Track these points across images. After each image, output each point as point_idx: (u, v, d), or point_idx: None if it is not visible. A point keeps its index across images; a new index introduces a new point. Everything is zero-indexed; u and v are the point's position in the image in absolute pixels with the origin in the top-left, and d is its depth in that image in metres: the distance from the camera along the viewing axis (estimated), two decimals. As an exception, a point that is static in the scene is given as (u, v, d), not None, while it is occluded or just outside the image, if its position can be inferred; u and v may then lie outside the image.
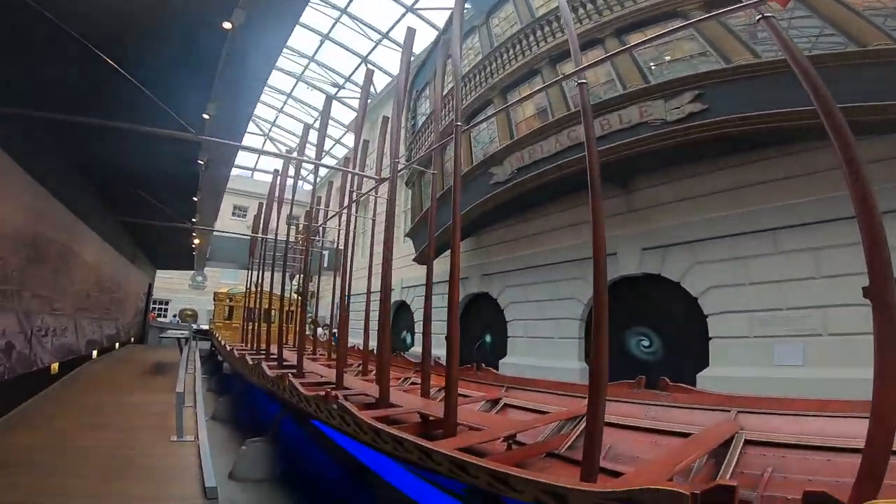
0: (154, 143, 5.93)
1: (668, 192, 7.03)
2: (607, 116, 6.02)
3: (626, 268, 7.21)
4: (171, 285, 24.41)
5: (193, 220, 9.83)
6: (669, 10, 5.85)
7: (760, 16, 2.15)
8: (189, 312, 24.09)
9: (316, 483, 4.89)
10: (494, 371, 5.71)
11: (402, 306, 14.20)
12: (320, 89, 22.42)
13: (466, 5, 10.95)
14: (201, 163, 6.53)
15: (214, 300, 13.81)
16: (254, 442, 4.99)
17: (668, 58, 6.08)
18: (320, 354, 9.34)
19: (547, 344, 8.47)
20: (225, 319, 13.26)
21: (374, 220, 7.22)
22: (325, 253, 18.53)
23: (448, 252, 11.09)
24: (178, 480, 3.78)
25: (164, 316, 24.37)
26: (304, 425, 5.19)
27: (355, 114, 22.96)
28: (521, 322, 9.21)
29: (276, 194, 9.68)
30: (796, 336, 5.28)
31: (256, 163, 28.27)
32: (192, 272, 24.50)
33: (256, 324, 9.80)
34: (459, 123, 4.08)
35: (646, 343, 7.17)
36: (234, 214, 25.43)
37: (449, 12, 14.45)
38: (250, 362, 5.81)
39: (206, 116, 5.00)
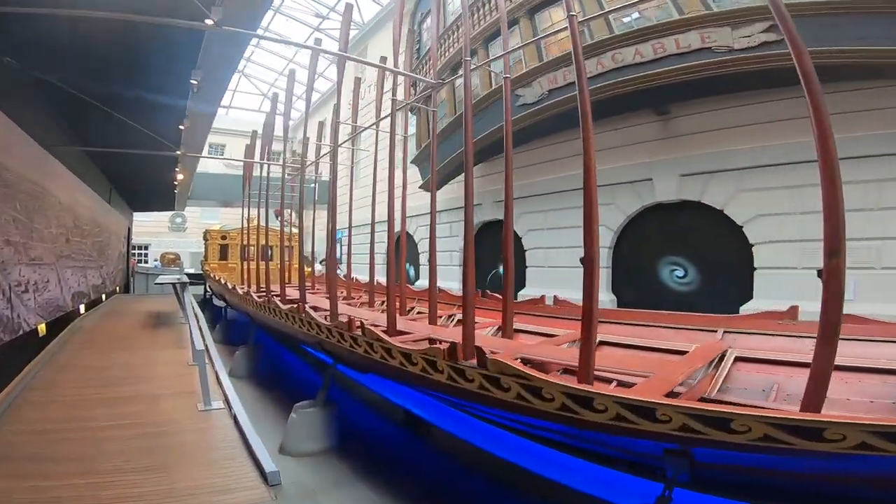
0: (142, 53, 5.04)
1: (711, 119, 6.56)
2: (662, 40, 5.56)
3: (663, 194, 6.98)
4: (150, 228, 23.05)
5: (178, 151, 8.80)
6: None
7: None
8: (171, 256, 23.06)
9: (376, 449, 4.48)
10: (500, 296, 5.59)
11: (407, 238, 13.61)
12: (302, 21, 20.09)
13: None
14: (194, 83, 5.60)
15: (206, 239, 12.96)
16: (303, 408, 4.34)
17: None
18: (319, 289, 9.06)
19: (570, 273, 8.15)
20: (219, 260, 12.46)
21: (389, 145, 6.37)
22: (314, 186, 17.58)
23: (456, 179, 10.57)
24: (228, 464, 3.22)
25: (145, 261, 22.99)
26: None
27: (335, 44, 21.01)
28: (541, 251, 8.88)
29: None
30: (848, 269, 5.16)
31: (232, 100, 26.06)
32: (170, 214, 23.17)
33: (258, 262, 9.12)
34: (468, 59, 3.80)
35: (680, 273, 6.96)
36: (209, 152, 23.65)
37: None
38: (283, 307, 5.24)
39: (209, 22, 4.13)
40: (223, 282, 9.83)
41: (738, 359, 2.89)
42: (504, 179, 3.95)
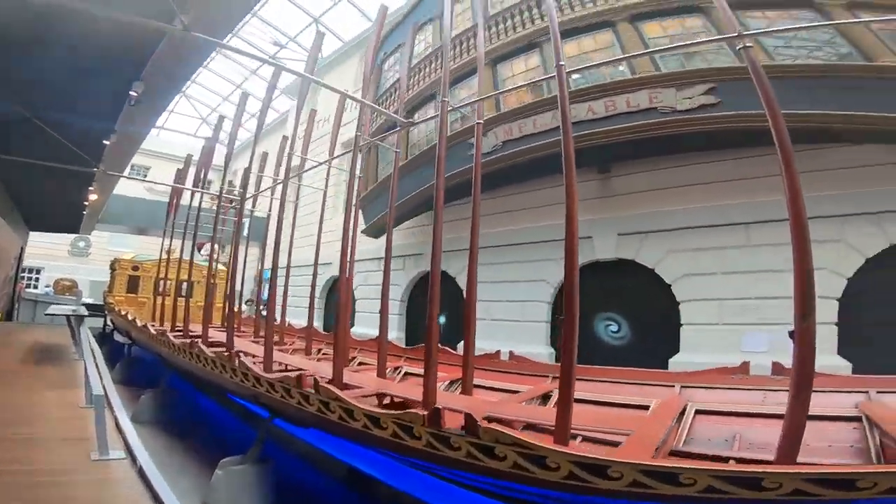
0: (74, 48, 4.69)
1: (648, 180, 7.14)
2: (613, 98, 5.94)
3: (601, 252, 7.36)
4: (46, 250, 20.35)
5: (96, 168, 7.95)
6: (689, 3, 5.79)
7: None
8: (67, 283, 20.49)
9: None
10: (452, 350, 5.68)
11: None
12: (256, 52, 19.92)
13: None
14: (134, 94, 5.18)
15: (113, 269, 11.58)
16: (231, 464, 3.81)
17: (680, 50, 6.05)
18: (244, 331, 8.38)
19: (511, 327, 8.29)
20: (128, 292, 11.12)
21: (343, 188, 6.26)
22: (248, 221, 16.63)
23: (404, 225, 10.41)
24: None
25: (35, 287, 20.10)
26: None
27: (294, 78, 20.99)
28: (483, 303, 8.81)
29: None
30: (762, 325, 5.66)
31: (166, 121, 24.63)
32: (73, 236, 20.66)
33: (174, 299, 8.44)
34: (446, 99, 3.79)
35: (614, 328, 7.27)
36: (130, 173, 21.91)
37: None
38: (208, 353, 4.65)
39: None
40: (131, 317, 8.72)
41: (698, 412, 2.98)
42: (469, 228, 3.89)
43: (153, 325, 7.76)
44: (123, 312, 9.64)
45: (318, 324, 12.33)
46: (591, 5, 6.87)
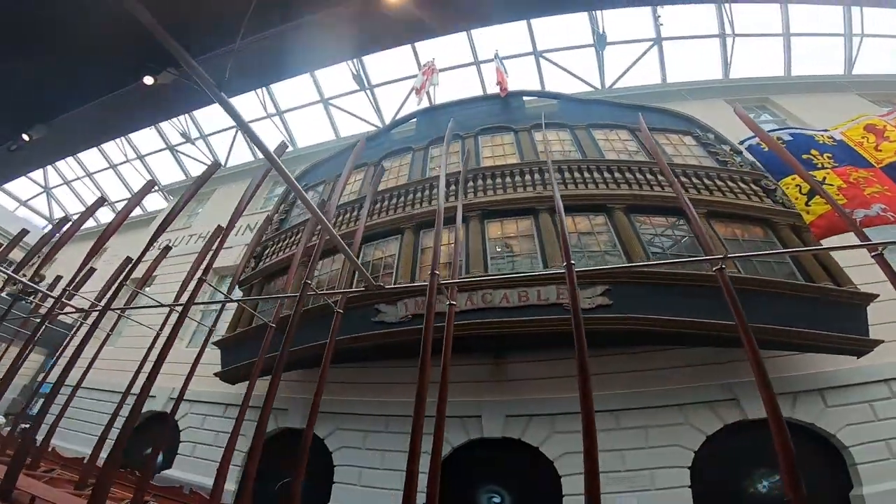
0: None
1: (536, 368, 8.06)
2: (527, 289, 6.88)
3: (489, 431, 7.83)
4: None
5: None
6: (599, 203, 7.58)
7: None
8: None
9: None
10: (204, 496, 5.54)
11: (160, 417, 10.87)
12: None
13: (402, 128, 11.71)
14: (25, 139, 4.40)
15: None
16: None
17: (590, 247, 7.56)
18: None
19: (388, 495, 7.57)
20: None
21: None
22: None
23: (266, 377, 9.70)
24: None
25: None
26: None
27: (183, 176, 19.87)
28: (355, 469, 8.11)
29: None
30: (633, 491, 6.65)
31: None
32: None
33: None
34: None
35: (497, 500, 7.28)
36: None
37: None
38: None
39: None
40: None
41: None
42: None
43: None
44: None
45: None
46: (522, 191, 8.09)
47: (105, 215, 22.89)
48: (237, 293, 10.63)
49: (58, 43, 3.20)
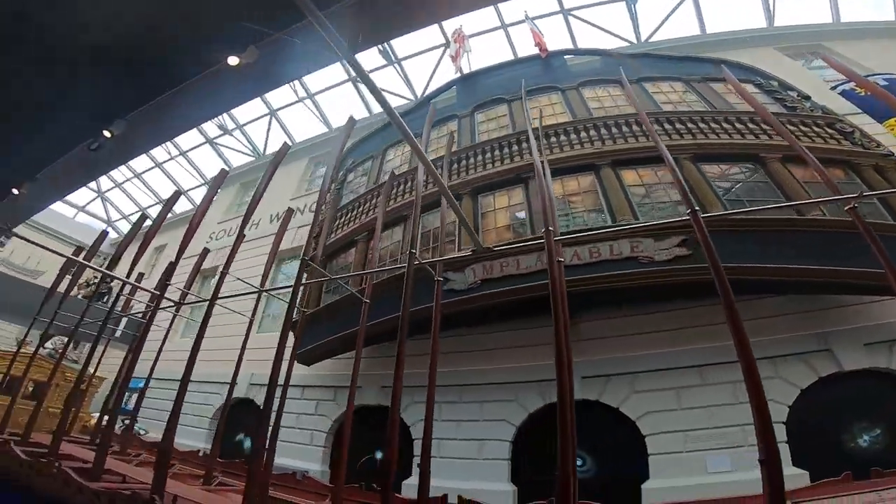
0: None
1: (611, 326, 7.72)
2: (598, 245, 6.71)
3: None
4: None
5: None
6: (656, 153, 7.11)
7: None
8: None
9: None
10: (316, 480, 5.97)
11: (244, 404, 11.29)
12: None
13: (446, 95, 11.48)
14: (106, 135, 4.39)
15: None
16: None
17: (654, 199, 7.31)
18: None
19: (469, 465, 7.70)
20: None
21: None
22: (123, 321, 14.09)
23: (338, 356, 9.77)
24: None
25: None
26: None
27: (222, 166, 20.30)
28: (434, 441, 8.14)
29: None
30: (724, 447, 6.43)
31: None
32: None
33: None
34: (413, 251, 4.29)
35: (578, 463, 7.15)
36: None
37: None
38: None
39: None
40: None
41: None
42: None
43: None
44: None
45: (205, 446, 10.59)
46: (579, 147, 7.81)
47: (155, 213, 23.78)
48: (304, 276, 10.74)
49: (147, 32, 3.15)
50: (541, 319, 8.08)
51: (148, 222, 6.02)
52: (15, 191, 5.38)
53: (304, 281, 8.24)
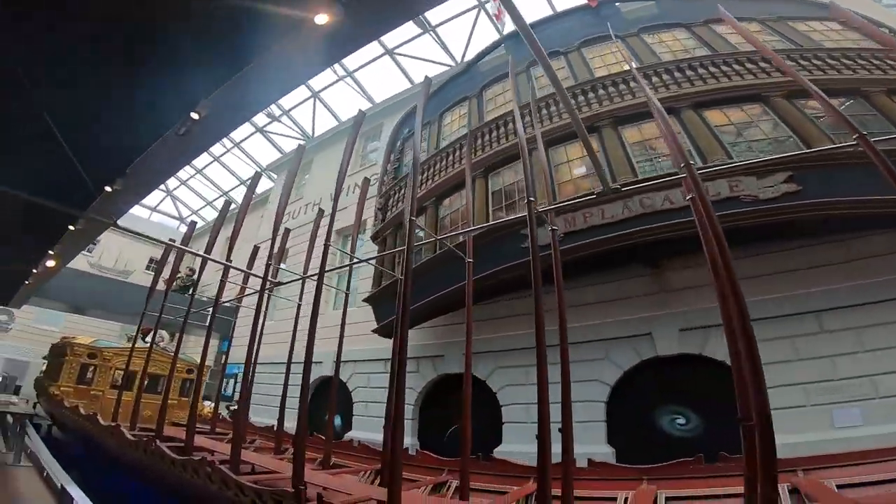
0: None
1: (702, 274, 7.02)
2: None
3: (663, 348, 7.38)
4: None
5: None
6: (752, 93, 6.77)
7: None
8: None
9: None
10: (433, 454, 5.81)
11: (330, 382, 11.62)
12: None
13: (499, 52, 10.99)
14: (195, 117, 4.20)
15: (61, 353, 9.44)
16: None
17: (748, 137, 6.72)
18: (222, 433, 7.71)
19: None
20: (77, 383, 8.93)
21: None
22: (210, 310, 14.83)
23: (421, 325, 9.69)
24: None
25: None
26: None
27: (279, 154, 20.80)
28: (521, 407, 8.08)
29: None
30: (852, 401, 5.85)
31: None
32: (-3, 307, 17.68)
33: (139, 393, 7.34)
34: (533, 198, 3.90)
35: (681, 421, 6.83)
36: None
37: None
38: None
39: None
40: (87, 413, 6.91)
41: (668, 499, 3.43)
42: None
43: (126, 428, 5.99)
44: (73, 405, 7.60)
45: (289, 425, 10.81)
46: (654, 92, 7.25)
47: (208, 212, 24.85)
48: (370, 251, 10.66)
49: None
50: (629, 271, 7.79)
51: (233, 206, 6.17)
52: (108, 188, 5.43)
53: (376, 254, 8.18)
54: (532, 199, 3.43)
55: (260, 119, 20.43)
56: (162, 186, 24.10)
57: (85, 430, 7.29)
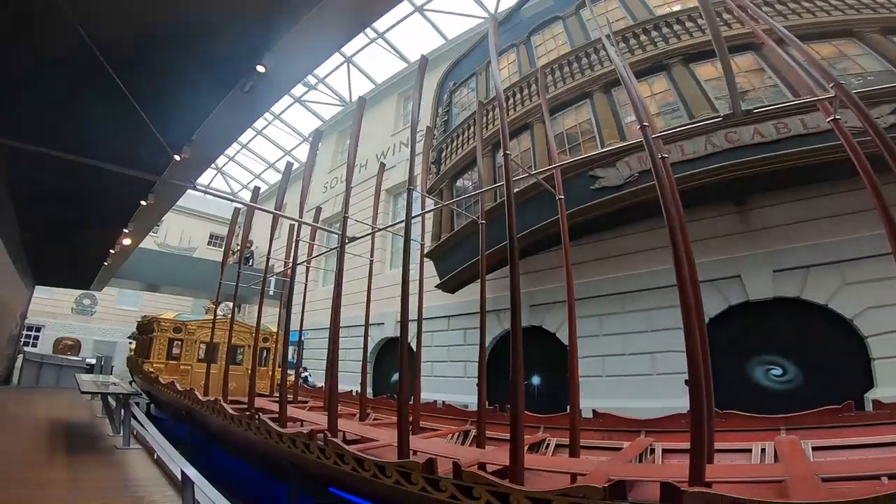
0: None
1: (800, 210, 6.36)
2: (785, 120, 5.70)
3: (755, 293, 6.80)
4: (48, 307, 18.77)
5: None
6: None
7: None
8: (69, 342, 19.55)
9: None
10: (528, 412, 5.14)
11: (393, 343, 11.76)
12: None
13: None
14: (261, 70, 3.99)
15: (146, 331, 10.02)
16: None
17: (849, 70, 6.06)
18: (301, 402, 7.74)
19: (641, 382, 7.18)
20: (167, 358, 9.47)
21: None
22: (271, 280, 15.27)
23: (474, 283, 9.41)
24: None
25: (34, 346, 19.00)
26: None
27: (319, 122, 20.72)
28: (597, 359, 7.76)
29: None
30: None
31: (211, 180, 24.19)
32: (79, 293, 19.25)
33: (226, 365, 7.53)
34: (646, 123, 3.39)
35: (777, 372, 6.30)
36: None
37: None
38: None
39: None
40: (182, 388, 7.30)
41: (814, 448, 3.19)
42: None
43: (227, 403, 6.15)
44: (167, 381, 8.04)
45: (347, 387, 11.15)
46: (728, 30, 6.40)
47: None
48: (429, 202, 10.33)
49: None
50: (707, 210, 7.10)
51: (297, 165, 6.09)
52: (177, 157, 5.34)
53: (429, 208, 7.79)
54: (646, 124, 3.01)
55: (297, 90, 20.19)
56: (213, 165, 24.82)
57: (183, 406, 7.51)
